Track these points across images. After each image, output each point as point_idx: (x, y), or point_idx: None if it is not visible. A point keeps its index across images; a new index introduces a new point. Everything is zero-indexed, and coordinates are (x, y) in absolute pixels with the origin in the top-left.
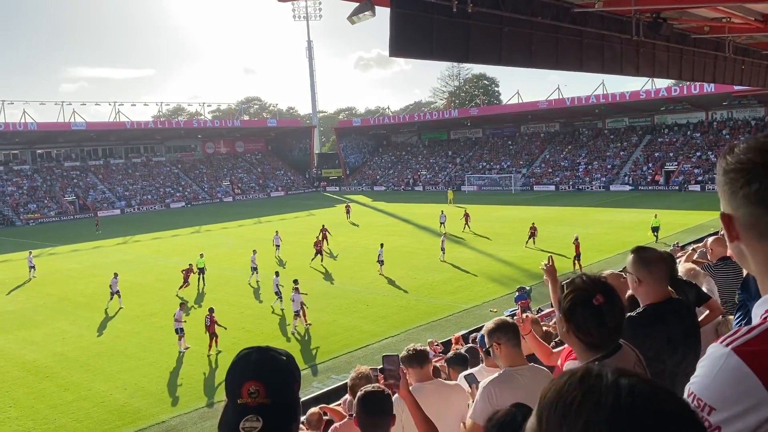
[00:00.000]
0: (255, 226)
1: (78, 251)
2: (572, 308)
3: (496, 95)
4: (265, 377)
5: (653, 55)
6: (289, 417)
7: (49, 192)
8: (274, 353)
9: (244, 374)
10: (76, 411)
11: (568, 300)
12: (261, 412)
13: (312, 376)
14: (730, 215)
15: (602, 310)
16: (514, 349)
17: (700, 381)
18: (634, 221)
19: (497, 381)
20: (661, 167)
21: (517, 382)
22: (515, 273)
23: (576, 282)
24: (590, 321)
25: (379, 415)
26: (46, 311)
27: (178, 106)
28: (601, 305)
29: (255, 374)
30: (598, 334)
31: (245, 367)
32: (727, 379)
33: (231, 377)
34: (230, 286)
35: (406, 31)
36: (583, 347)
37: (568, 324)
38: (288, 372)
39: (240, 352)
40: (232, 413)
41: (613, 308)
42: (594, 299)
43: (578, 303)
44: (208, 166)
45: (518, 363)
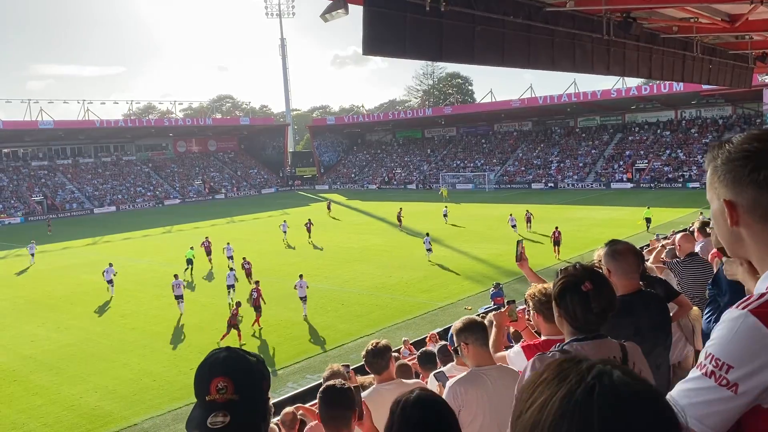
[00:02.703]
0: (228, 226)
1: (46, 252)
2: (562, 292)
3: (470, 94)
4: (233, 374)
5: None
6: (257, 414)
7: (15, 192)
8: (244, 353)
9: (212, 371)
10: (45, 415)
11: (559, 284)
12: (229, 408)
13: (287, 375)
14: (732, 201)
15: (589, 296)
16: (482, 348)
17: (718, 342)
18: (606, 218)
19: (463, 380)
20: (632, 165)
21: (483, 381)
22: (489, 270)
23: (569, 269)
24: (577, 305)
25: (339, 408)
26: (14, 313)
27: (149, 104)
28: (589, 291)
29: (223, 371)
30: (583, 318)
31: (213, 364)
32: (745, 337)
33: (200, 375)
34: (202, 286)
35: (379, 30)
36: (570, 330)
37: (558, 307)
38: (257, 370)
39: (209, 353)
40: (200, 410)
41: (600, 295)
42: (583, 285)
43: (568, 288)
44: (179, 165)
45: (485, 363)
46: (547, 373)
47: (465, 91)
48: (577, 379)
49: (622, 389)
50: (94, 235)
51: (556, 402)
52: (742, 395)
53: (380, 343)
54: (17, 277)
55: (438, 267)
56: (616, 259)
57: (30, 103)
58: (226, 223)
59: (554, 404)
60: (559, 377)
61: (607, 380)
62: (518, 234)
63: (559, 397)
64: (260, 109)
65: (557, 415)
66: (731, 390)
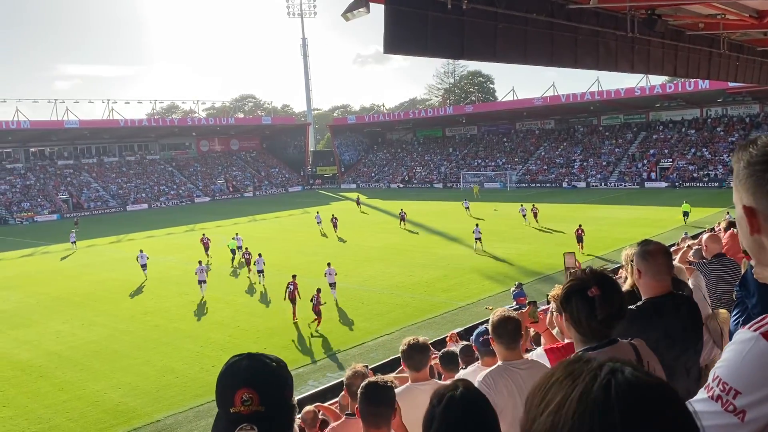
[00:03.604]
0: (250, 224)
1: (66, 255)
2: (568, 297)
3: (491, 92)
4: (257, 384)
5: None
6: (284, 423)
7: (42, 190)
8: (266, 360)
9: (235, 382)
10: (70, 410)
11: (566, 289)
12: (255, 420)
13: (307, 373)
14: (752, 207)
15: (595, 302)
16: (513, 343)
17: (727, 365)
18: (630, 218)
19: (493, 372)
20: (655, 164)
21: (514, 374)
22: (510, 270)
23: (577, 273)
24: (582, 311)
25: (381, 406)
26: (40, 310)
27: (172, 103)
28: (595, 297)
29: (247, 381)
30: (587, 324)
31: (236, 375)
32: (755, 362)
33: (222, 385)
34: (224, 284)
35: (400, 28)
36: (578, 337)
37: (564, 312)
38: (281, 378)
39: (229, 360)
40: (225, 422)
41: (607, 301)
42: (589, 291)
43: (573, 292)
44: (202, 164)
45: (515, 358)
46: (558, 374)
47: (486, 90)
48: (591, 376)
49: (638, 384)
50: (118, 233)
51: (573, 402)
52: (749, 423)
53: (420, 340)
54: (48, 272)
55: (458, 267)
56: (647, 259)
57: (56, 103)
58: (248, 222)
59: (571, 404)
60: (572, 377)
61: (621, 376)
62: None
63: (576, 396)
64: (282, 108)
65: (576, 414)
66: (738, 417)
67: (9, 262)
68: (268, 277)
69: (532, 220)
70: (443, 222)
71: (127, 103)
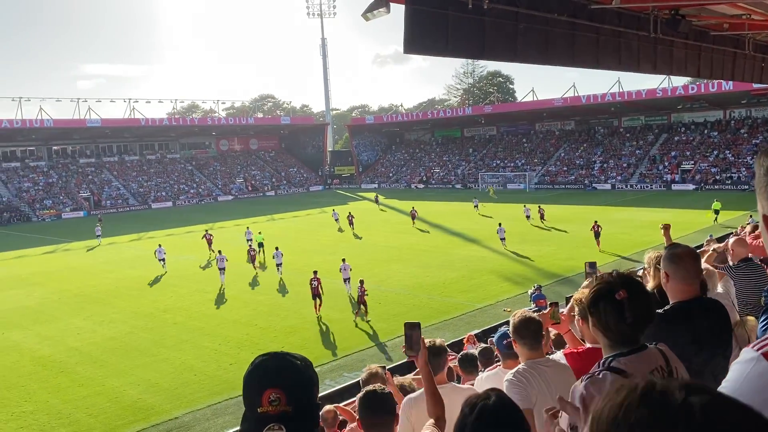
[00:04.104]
0: (268, 223)
1: (93, 247)
2: (595, 301)
3: (510, 93)
4: (285, 384)
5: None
6: (311, 423)
7: (64, 188)
8: (292, 359)
9: (262, 382)
10: (90, 406)
11: (593, 293)
12: (283, 420)
13: (324, 373)
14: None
15: (623, 305)
16: (536, 344)
17: (729, 385)
18: (652, 220)
19: (522, 369)
20: (677, 166)
21: (541, 370)
22: (529, 272)
23: (603, 276)
24: (610, 315)
25: (381, 415)
26: (62, 306)
27: (192, 103)
28: (623, 300)
29: (275, 381)
30: (617, 328)
31: (264, 375)
32: (755, 384)
33: (249, 385)
34: (242, 283)
35: (420, 28)
36: (607, 342)
37: (591, 317)
38: (307, 377)
39: (255, 360)
40: (253, 423)
41: (635, 304)
42: (617, 294)
43: (601, 296)
44: (222, 163)
45: (537, 357)
46: (639, 415)
47: (506, 90)
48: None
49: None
50: (139, 231)
51: None
52: None
53: (437, 342)
54: (70, 269)
55: (476, 268)
56: (675, 263)
57: (78, 101)
58: (266, 221)
59: None
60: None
61: (698, 404)
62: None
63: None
64: (301, 108)
65: None
66: None
67: (32, 259)
68: (287, 276)
69: (538, 220)
70: (462, 222)
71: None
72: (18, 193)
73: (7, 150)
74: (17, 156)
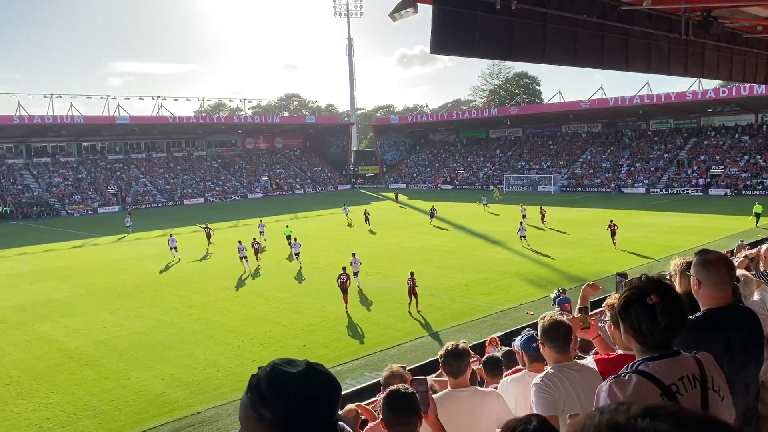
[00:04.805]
0: (293, 222)
1: (120, 242)
2: (626, 306)
3: (537, 94)
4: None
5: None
6: None
7: (93, 184)
8: (317, 366)
9: (327, 390)
10: (115, 399)
11: (623, 298)
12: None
13: (345, 372)
14: None
15: (655, 310)
16: (565, 347)
17: None
18: (678, 225)
19: (550, 373)
20: (706, 170)
21: (569, 374)
22: (553, 275)
23: (634, 281)
24: (642, 320)
25: (404, 414)
26: (89, 300)
27: (219, 101)
28: (655, 305)
29: (338, 390)
30: (649, 333)
31: (326, 384)
32: None
33: (312, 401)
34: (267, 280)
35: (447, 28)
36: (639, 347)
37: (623, 322)
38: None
39: (288, 376)
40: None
41: (668, 309)
42: (648, 298)
43: (632, 301)
44: (247, 161)
45: (565, 360)
46: None
47: (532, 92)
48: None
49: None
50: (164, 227)
51: None
52: None
53: (459, 345)
54: (97, 263)
55: (499, 270)
56: (708, 269)
57: (108, 99)
58: (290, 219)
59: None
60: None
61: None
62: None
63: None
64: (326, 107)
65: None
66: None
67: (61, 253)
68: (309, 274)
69: (538, 221)
70: (485, 224)
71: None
72: (48, 188)
73: (38, 145)
74: (48, 151)
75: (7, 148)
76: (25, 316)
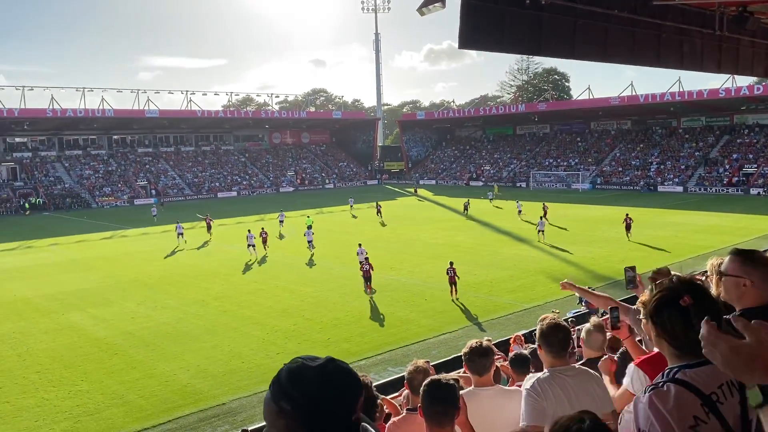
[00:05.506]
0: (317, 216)
1: (148, 234)
2: (658, 309)
3: (566, 90)
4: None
5: (737, 51)
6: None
7: (123, 176)
8: (338, 361)
9: (352, 390)
10: (141, 388)
11: (655, 301)
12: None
13: (369, 366)
14: None
15: (689, 312)
16: (562, 352)
17: None
18: (709, 225)
19: (541, 380)
20: (738, 169)
21: (561, 380)
22: (579, 273)
23: (665, 283)
24: (676, 323)
25: (444, 404)
26: (117, 291)
27: (247, 96)
28: (689, 306)
29: (360, 387)
30: (684, 336)
31: (348, 381)
32: None
33: (334, 398)
34: (291, 274)
35: (476, 23)
36: (673, 351)
37: (654, 326)
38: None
39: (306, 369)
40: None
41: (702, 310)
42: (681, 300)
43: (664, 304)
44: (274, 155)
45: (561, 365)
46: None
47: (561, 88)
48: None
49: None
50: (192, 221)
51: None
52: None
53: (483, 343)
54: (125, 255)
55: (524, 268)
56: (759, 267)
57: (138, 93)
58: (316, 214)
59: None
60: None
61: None
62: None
63: None
64: (352, 103)
65: None
66: None
67: (90, 244)
68: (332, 269)
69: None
70: (510, 221)
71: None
72: (79, 180)
73: (70, 138)
74: (79, 144)
75: (41, 140)
76: (56, 305)
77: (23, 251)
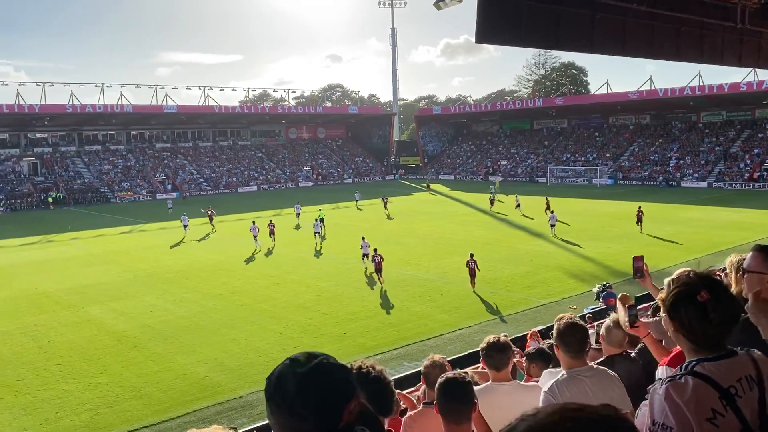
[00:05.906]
0: (333, 212)
1: (166, 229)
2: (675, 304)
3: (584, 84)
4: (356, 391)
5: (759, 44)
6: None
7: (141, 171)
8: (331, 361)
9: (345, 395)
10: (160, 381)
11: (672, 296)
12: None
13: (384, 361)
14: None
15: (706, 307)
16: (580, 352)
17: None
18: (728, 221)
19: (559, 382)
20: (760, 164)
21: (580, 382)
22: (596, 269)
23: (681, 278)
24: (693, 317)
25: (460, 402)
26: (136, 285)
27: (263, 91)
28: (706, 302)
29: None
30: (701, 331)
31: (332, 393)
32: None
33: (327, 400)
34: (308, 268)
35: (493, 17)
36: (690, 346)
37: (672, 321)
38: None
39: (296, 377)
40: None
41: (720, 305)
42: (698, 295)
43: (681, 299)
44: (290, 151)
45: (579, 365)
46: None
47: (579, 82)
48: None
49: None
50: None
51: None
52: None
53: (501, 339)
54: (144, 249)
55: (541, 263)
56: None
57: (156, 88)
58: (332, 209)
59: None
60: None
61: None
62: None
63: None
64: (368, 98)
65: None
66: None
67: (110, 238)
68: (348, 264)
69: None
70: (526, 216)
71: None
72: (98, 175)
73: (89, 133)
74: (99, 139)
75: (61, 136)
76: (76, 299)
77: (44, 245)
